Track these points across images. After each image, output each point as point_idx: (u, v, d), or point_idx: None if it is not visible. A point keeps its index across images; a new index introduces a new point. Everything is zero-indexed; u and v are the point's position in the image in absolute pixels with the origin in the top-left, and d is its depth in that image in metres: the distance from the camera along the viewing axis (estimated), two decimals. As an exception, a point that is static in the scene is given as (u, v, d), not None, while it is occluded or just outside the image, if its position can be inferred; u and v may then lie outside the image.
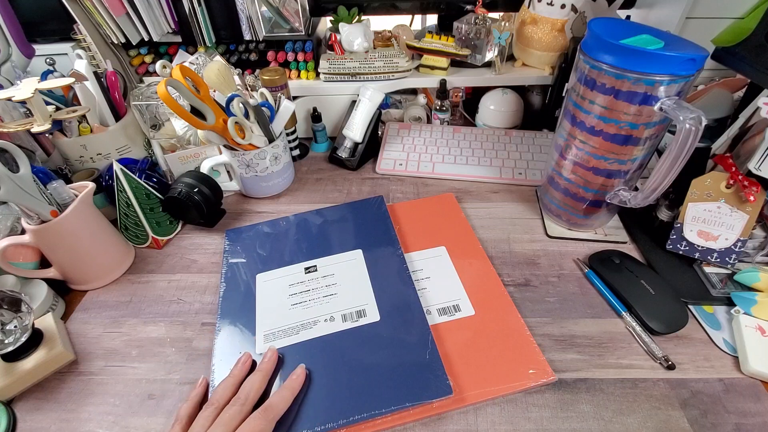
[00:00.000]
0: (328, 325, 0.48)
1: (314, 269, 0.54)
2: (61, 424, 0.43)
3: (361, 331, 0.47)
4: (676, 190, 0.55)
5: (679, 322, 0.48)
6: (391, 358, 0.44)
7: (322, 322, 0.48)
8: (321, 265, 0.54)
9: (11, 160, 0.47)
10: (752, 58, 0.50)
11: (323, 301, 0.50)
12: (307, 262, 0.55)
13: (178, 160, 0.66)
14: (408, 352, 0.44)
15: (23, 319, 0.44)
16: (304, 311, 0.49)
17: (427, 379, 0.42)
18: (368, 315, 0.48)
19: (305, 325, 0.48)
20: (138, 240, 0.60)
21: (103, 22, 0.68)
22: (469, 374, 0.44)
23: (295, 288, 0.52)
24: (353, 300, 0.50)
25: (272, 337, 0.47)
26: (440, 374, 0.42)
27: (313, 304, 0.50)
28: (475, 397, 0.42)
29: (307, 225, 0.60)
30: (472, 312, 0.49)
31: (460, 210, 0.63)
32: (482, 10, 0.71)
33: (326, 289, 0.51)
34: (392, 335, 0.46)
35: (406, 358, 0.44)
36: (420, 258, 0.56)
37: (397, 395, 0.41)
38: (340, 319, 0.48)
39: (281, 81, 0.68)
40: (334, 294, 0.51)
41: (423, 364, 0.43)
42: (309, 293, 0.51)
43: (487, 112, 0.79)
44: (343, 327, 0.47)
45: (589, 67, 0.47)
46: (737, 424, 0.40)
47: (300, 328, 0.48)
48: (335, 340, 0.46)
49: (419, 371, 0.43)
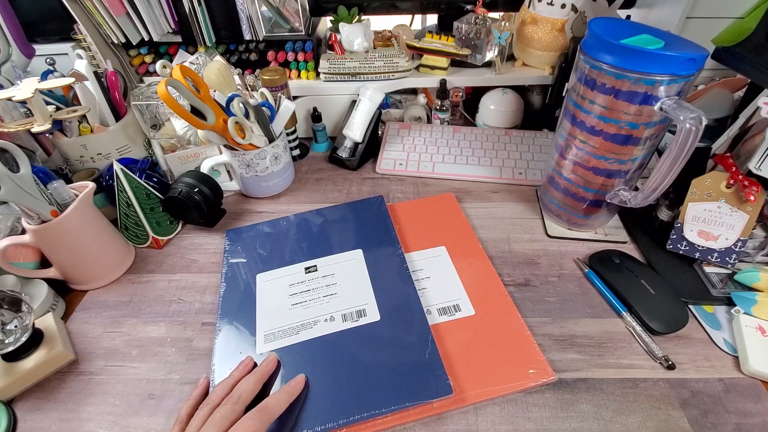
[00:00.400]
0: (329, 325, 0.48)
1: (314, 269, 0.54)
2: (62, 424, 0.43)
3: (362, 331, 0.47)
4: (677, 190, 0.55)
5: (679, 322, 0.48)
6: (391, 357, 0.44)
7: (322, 321, 0.48)
8: (321, 264, 0.54)
9: (11, 160, 0.47)
10: (752, 58, 0.50)
11: (323, 300, 0.50)
12: (307, 262, 0.55)
13: (178, 159, 0.66)
14: (408, 352, 0.44)
15: (23, 318, 0.44)
16: (305, 311, 0.49)
17: (428, 379, 0.42)
18: (368, 315, 0.48)
19: (305, 325, 0.48)
20: (138, 240, 0.60)
21: (103, 22, 0.68)
22: (470, 374, 0.44)
23: (296, 288, 0.52)
24: (353, 300, 0.50)
25: (272, 337, 0.47)
26: (440, 374, 0.42)
27: (314, 304, 0.50)
28: (476, 396, 0.42)
29: (308, 225, 0.61)
30: (473, 312, 0.49)
31: (460, 210, 0.63)
32: (482, 9, 0.71)
33: (326, 289, 0.51)
34: (392, 335, 0.46)
35: (406, 357, 0.44)
36: (420, 258, 0.56)
37: (397, 395, 0.41)
38: (340, 318, 0.48)
39: (281, 81, 0.68)
40: (334, 294, 0.51)
41: (423, 363, 0.43)
42: (309, 293, 0.51)
43: (487, 112, 0.79)
44: (344, 327, 0.47)
45: (590, 67, 0.47)
46: (737, 424, 0.40)
47: (300, 328, 0.48)
48: (335, 339, 0.46)
49: (419, 371, 0.43)
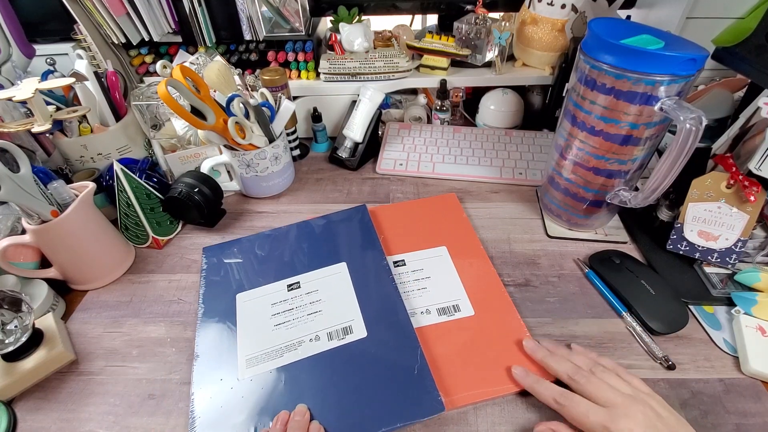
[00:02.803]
0: (314, 345, 0.46)
1: (297, 286, 0.52)
2: (62, 424, 0.43)
3: (348, 349, 0.45)
4: (677, 190, 0.55)
5: (679, 322, 0.48)
6: (379, 376, 0.43)
7: (307, 342, 0.46)
8: (304, 281, 0.52)
9: (12, 160, 0.47)
10: (752, 58, 0.50)
11: (308, 319, 0.48)
12: (289, 279, 0.53)
13: (178, 160, 0.66)
14: (397, 369, 0.43)
15: (24, 319, 0.44)
16: (288, 331, 0.47)
17: (418, 397, 0.41)
18: (355, 331, 0.47)
19: (289, 346, 0.46)
20: (138, 240, 0.60)
21: (103, 22, 0.68)
22: (468, 375, 0.44)
23: (278, 307, 0.50)
24: (339, 316, 0.48)
25: (255, 361, 0.45)
26: (431, 390, 0.41)
27: (297, 323, 0.48)
28: (474, 397, 0.42)
29: (289, 239, 0.58)
30: (472, 312, 0.49)
31: (462, 210, 0.63)
32: (482, 10, 0.71)
33: (310, 306, 0.49)
34: (380, 351, 0.45)
35: (395, 375, 0.43)
36: (421, 258, 0.56)
37: (388, 415, 0.40)
38: (325, 337, 0.46)
39: (281, 81, 0.68)
40: (318, 311, 0.49)
41: (413, 380, 0.42)
42: (292, 312, 0.49)
43: (487, 112, 0.79)
44: (330, 346, 0.45)
45: (590, 67, 0.47)
46: (737, 424, 0.40)
47: (284, 350, 0.46)
48: (322, 360, 0.44)
49: (409, 388, 0.41)
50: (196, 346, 0.47)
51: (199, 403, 0.42)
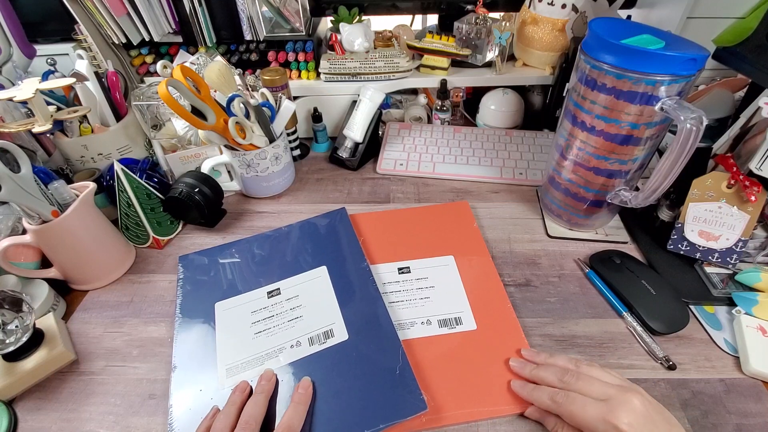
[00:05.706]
0: (295, 351, 0.45)
1: (277, 292, 0.51)
2: (62, 424, 0.43)
3: (330, 353, 0.45)
4: (677, 190, 0.54)
5: (680, 322, 0.48)
6: (361, 378, 0.43)
7: (288, 348, 0.46)
8: (284, 287, 0.52)
9: (12, 160, 0.47)
10: (753, 58, 0.50)
11: (288, 326, 0.48)
12: (269, 286, 0.52)
13: (178, 160, 0.66)
14: (379, 370, 0.43)
15: (24, 319, 0.44)
16: (269, 339, 0.47)
17: (401, 396, 0.41)
18: (336, 335, 0.46)
19: (270, 354, 0.45)
20: (139, 240, 0.60)
21: (104, 22, 0.68)
22: (464, 393, 0.43)
23: (258, 315, 0.49)
24: (320, 320, 0.48)
25: (235, 370, 0.45)
26: (413, 389, 0.41)
27: (278, 330, 0.47)
28: (470, 416, 0.41)
29: (267, 245, 0.57)
30: (474, 327, 0.48)
31: (473, 219, 0.61)
32: (483, 10, 0.71)
33: (291, 313, 0.49)
34: (362, 353, 0.44)
35: (377, 376, 0.43)
36: (427, 266, 0.54)
37: (370, 417, 0.40)
38: (306, 343, 0.46)
39: (282, 81, 0.68)
40: (299, 317, 0.48)
41: (395, 380, 0.42)
42: (273, 319, 0.49)
43: (487, 112, 0.79)
44: (311, 351, 0.45)
45: (590, 67, 0.47)
46: (738, 424, 0.40)
47: (265, 358, 0.45)
48: (303, 366, 0.44)
49: (391, 389, 0.41)
50: (174, 357, 0.46)
51: (178, 415, 0.42)
